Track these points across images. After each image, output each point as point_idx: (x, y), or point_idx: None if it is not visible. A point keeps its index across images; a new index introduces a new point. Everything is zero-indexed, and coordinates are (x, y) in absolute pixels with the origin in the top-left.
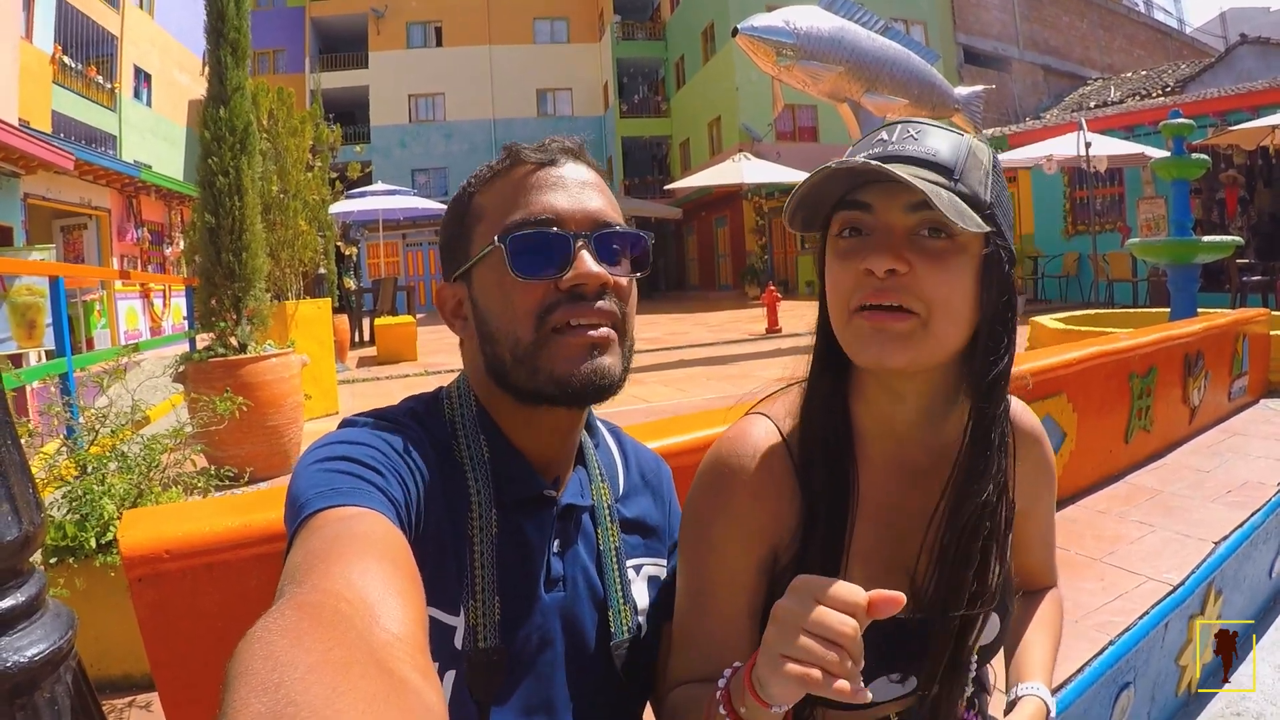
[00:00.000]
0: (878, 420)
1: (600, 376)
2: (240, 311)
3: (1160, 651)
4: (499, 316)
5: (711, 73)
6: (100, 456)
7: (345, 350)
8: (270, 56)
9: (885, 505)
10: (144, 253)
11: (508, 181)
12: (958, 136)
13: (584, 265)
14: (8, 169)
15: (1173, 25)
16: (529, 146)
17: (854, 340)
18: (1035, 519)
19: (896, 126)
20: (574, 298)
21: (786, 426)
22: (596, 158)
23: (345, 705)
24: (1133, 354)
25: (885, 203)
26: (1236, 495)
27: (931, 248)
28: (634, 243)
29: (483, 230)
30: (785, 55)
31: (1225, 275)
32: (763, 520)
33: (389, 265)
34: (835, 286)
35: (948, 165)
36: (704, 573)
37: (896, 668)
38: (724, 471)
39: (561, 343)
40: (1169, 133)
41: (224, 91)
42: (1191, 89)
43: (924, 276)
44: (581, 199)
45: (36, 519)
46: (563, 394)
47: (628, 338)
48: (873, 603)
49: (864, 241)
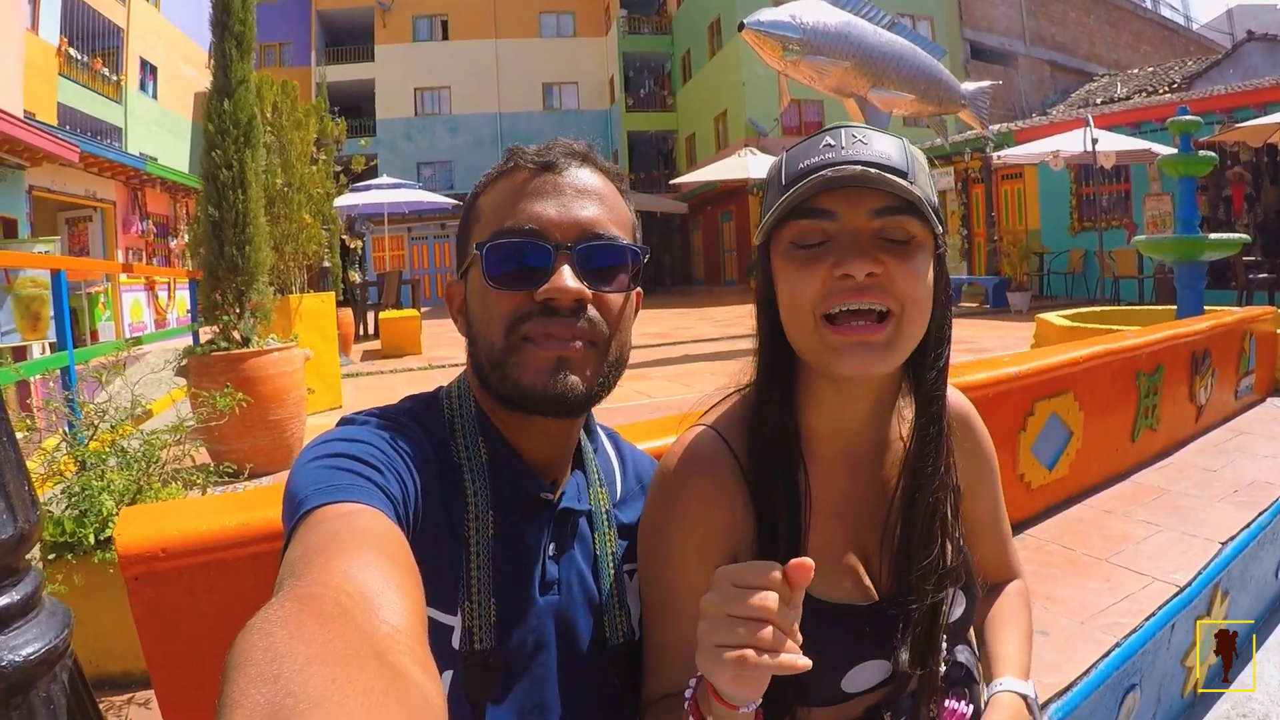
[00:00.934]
0: (829, 421)
1: (566, 392)
2: (244, 305)
3: (1166, 653)
4: (479, 320)
5: (717, 67)
6: (99, 452)
7: (349, 344)
8: (276, 49)
9: (837, 500)
10: (149, 245)
11: (507, 185)
12: (898, 139)
13: (560, 280)
14: (13, 161)
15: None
16: (532, 149)
17: (827, 351)
18: (981, 500)
19: (840, 131)
20: (548, 311)
21: (731, 434)
22: (602, 153)
23: (344, 697)
24: (1140, 352)
25: (849, 209)
26: (1243, 495)
27: (897, 249)
28: (627, 255)
29: (478, 232)
30: (792, 50)
31: (1232, 272)
32: (716, 527)
33: (394, 259)
34: (797, 294)
35: (900, 169)
36: (666, 585)
37: (870, 655)
38: (673, 484)
39: (530, 353)
40: (1176, 129)
41: (228, 84)
42: (1198, 86)
43: (897, 276)
44: (573, 208)
45: (32, 516)
46: (529, 404)
47: (609, 354)
48: (787, 575)
49: (829, 247)
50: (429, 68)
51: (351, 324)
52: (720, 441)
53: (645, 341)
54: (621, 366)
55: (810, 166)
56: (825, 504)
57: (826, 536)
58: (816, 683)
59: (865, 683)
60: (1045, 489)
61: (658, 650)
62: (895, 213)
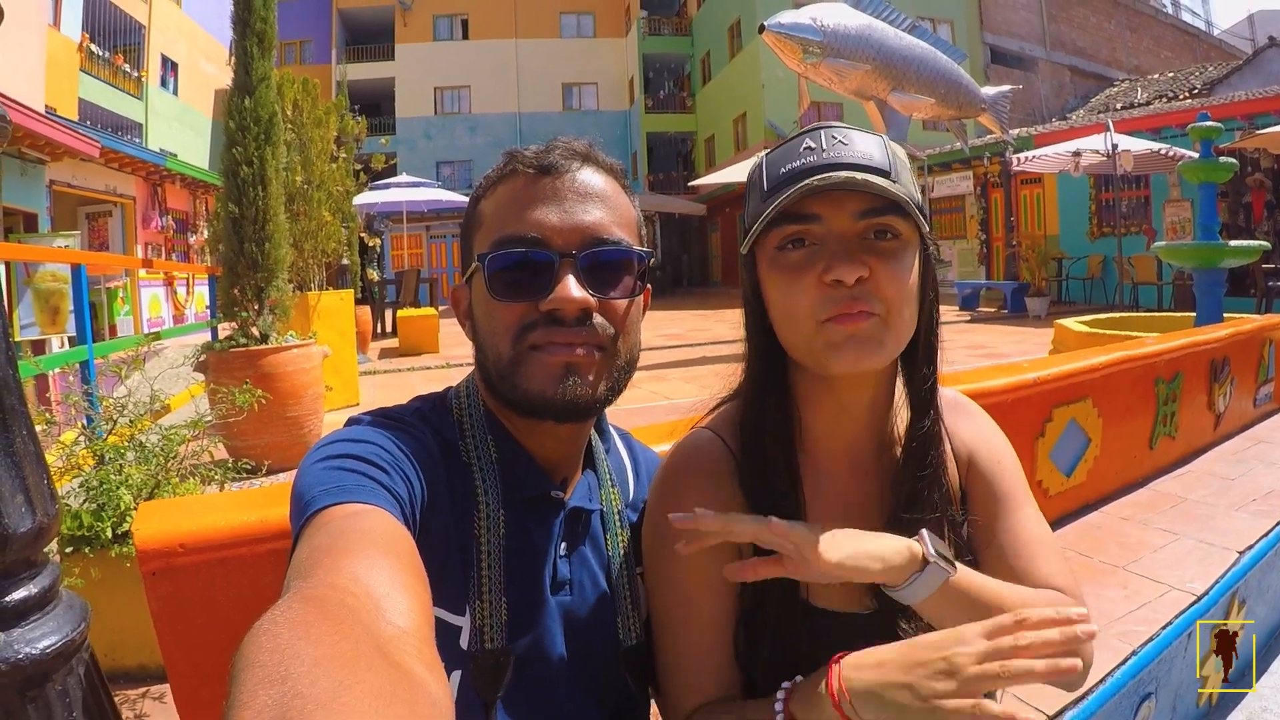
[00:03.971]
0: (827, 424)
1: (576, 398)
2: (263, 302)
3: (1182, 662)
4: (485, 329)
5: (737, 69)
6: (118, 447)
7: (367, 341)
8: (297, 47)
9: (840, 503)
10: (168, 241)
11: (506, 189)
12: (878, 137)
13: (565, 290)
14: (34, 156)
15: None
16: (531, 151)
17: (824, 349)
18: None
19: (820, 133)
20: (553, 320)
21: (730, 436)
22: (620, 154)
23: (352, 698)
24: (1159, 359)
25: (834, 212)
26: (1261, 504)
27: (883, 249)
28: (632, 258)
29: (480, 239)
30: (812, 52)
31: (1251, 280)
32: None
33: (412, 257)
34: (793, 302)
35: (883, 168)
36: (679, 585)
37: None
38: (673, 485)
39: (538, 361)
40: (1197, 136)
41: (249, 82)
42: (1219, 91)
43: (883, 278)
44: (575, 213)
45: (51, 510)
46: (539, 411)
47: (618, 357)
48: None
49: (816, 251)
50: (449, 67)
51: (369, 322)
52: (720, 443)
53: (662, 343)
54: (632, 368)
55: (792, 171)
56: (828, 507)
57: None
58: None
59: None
60: (1063, 495)
61: (678, 653)
62: (880, 213)
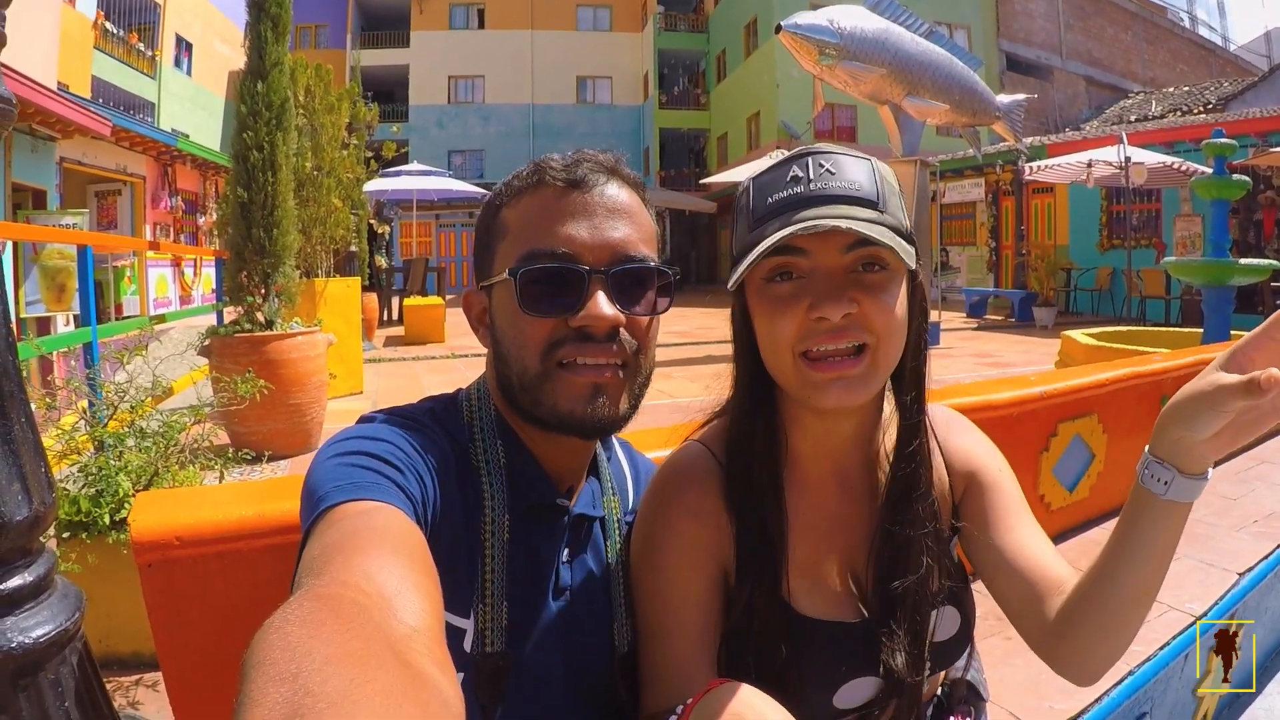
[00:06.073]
0: (814, 445)
1: (603, 419)
2: (269, 287)
3: (1179, 682)
4: (510, 342)
5: (752, 68)
6: (118, 433)
7: (373, 328)
8: (312, 31)
9: (826, 518)
10: (177, 221)
11: (534, 201)
12: (867, 162)
13: (596, 307)
14: (44, 133)
15: (1217, 42)
16: (559, 162)
17: (805, 386)
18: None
19: (807, 160)
20: (583, 337)
21: (721, 451)
22: (633, 148)
23: (363, 696)
24: (1166, 376)
25: (820, 246)
26: (1263, 525)
27: (870, 282)
28: (656, 275)
29: (504, 248)
30: (828, 54)
31: (1260, 297)
32: (706, 539)
33: (421, 245)
34: (775, 332)
35: (871, 198)
36: (663, 596)
37: (861, 672)
38: (664, 498)
39: (566, 380)
40: (1211, 152)
41: (262, 66)
42: (1233, 107)
43: (871, 311)
44: (605, 229)
45: (48, 498)
46: (564, 428)
47: (640, 374)
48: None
49: (802, 285)
50: (464, 56)
51: (376, 309)
52: (710, 458)
53: (669, 340)
54: (648, 382)
55: (779, 202)
56: (814, 522)
57: (816, 555)
58: (808, 699)
59: (857, 699)
60: (1065, 510)
61: (656, 663)
62: (868, 244)
